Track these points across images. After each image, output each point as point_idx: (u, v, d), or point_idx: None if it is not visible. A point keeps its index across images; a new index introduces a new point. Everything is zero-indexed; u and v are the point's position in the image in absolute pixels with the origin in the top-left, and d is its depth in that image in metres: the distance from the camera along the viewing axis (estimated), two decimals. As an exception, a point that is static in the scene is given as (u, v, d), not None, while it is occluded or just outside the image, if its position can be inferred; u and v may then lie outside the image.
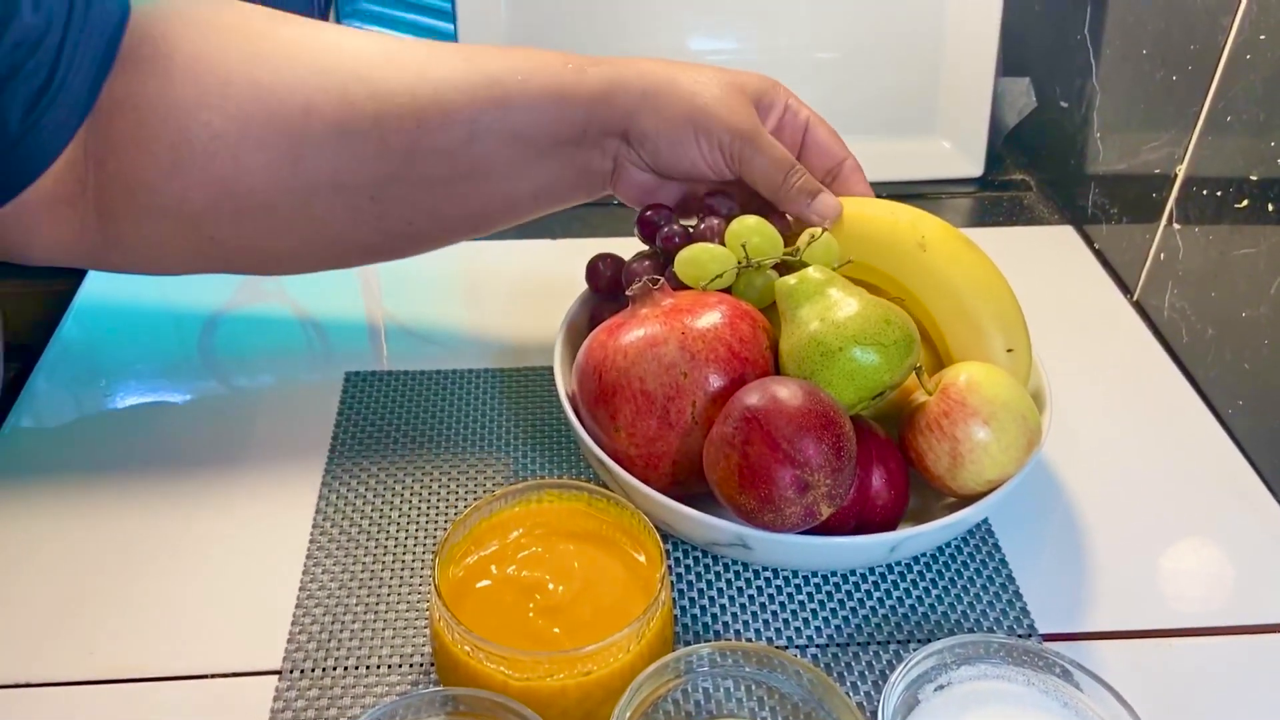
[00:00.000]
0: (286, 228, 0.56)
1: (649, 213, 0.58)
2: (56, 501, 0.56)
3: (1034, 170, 0.87)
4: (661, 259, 0.58)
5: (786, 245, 0.55)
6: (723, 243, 0.55)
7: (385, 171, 0.55)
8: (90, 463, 0.58)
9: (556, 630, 0.44)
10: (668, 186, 0.59)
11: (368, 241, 0.59)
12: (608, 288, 0.60)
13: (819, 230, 0.54)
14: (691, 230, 0.57)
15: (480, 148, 0.55)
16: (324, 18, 0.85)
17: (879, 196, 0.62)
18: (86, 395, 0.63)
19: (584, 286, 0.61)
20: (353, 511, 0.55)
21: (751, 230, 0.54)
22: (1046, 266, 0.77)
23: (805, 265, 0.53)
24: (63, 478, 0.57)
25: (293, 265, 0.61)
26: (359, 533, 0.54)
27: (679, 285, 0.55)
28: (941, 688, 0.44)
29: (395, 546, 0.54)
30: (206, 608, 0.50)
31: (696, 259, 0.54)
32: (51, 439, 0.60)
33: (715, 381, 0.49)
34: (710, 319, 0.51)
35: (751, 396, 0.47)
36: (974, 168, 0.86)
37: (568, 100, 0.55)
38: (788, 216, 0.58)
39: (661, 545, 0.46)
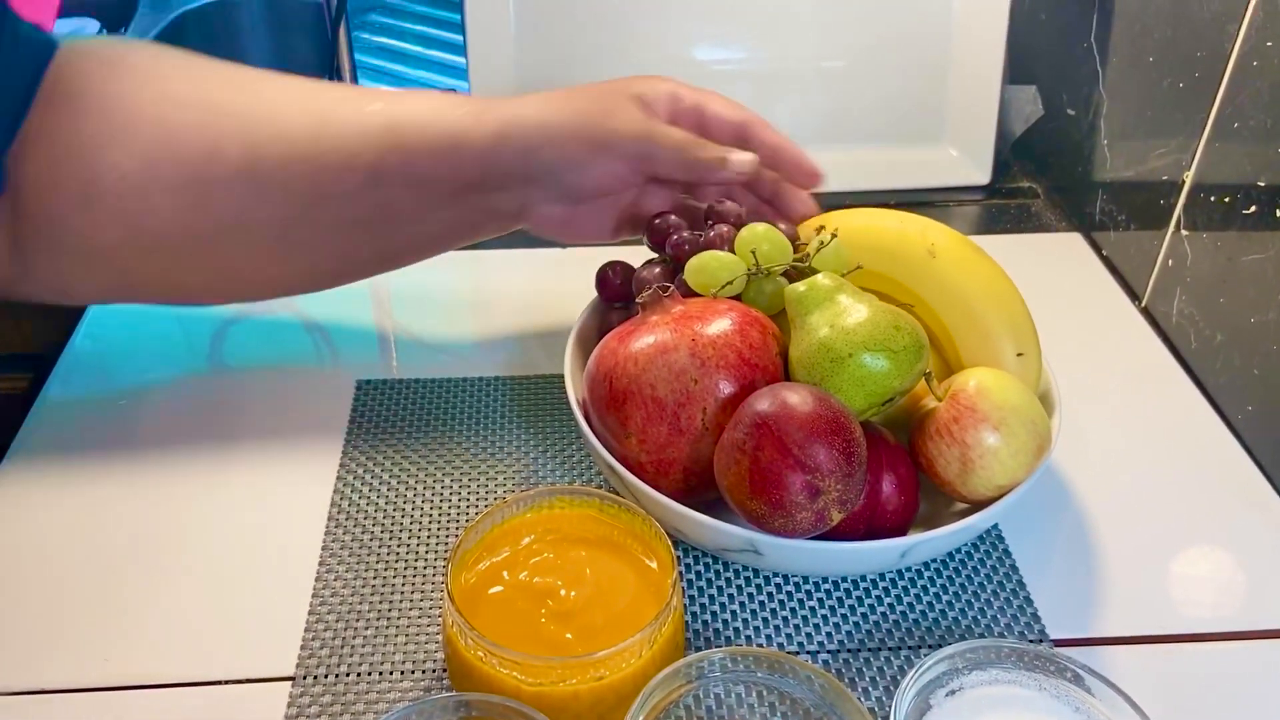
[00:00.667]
0: (195, 265, 0.57)
1: (658, 220, 0.58)
2: (71, 509, 0.56)
3: (1041, 178, 0.88)
4: (671, 266, 0.58)
5: (795, 252, 0.55)
6: (732, 250, 0.56)
7: (290, 214, 0.56)
8: (104, 470, 0.58)
9: (569, 636, 0.44)
10: (583, 212, 0.60)
11: (276, 278, 0.60)
12: (618, 295, 0.60)
13: (828, 236, 0.55)
14: (701, 238, 0.57)
15: (382, 194, 0.56)
16: (334, 31, 0.85)
17: (886, 205, 0.62)
18: (100, 403, 0.63)
19: (593, 294, 0.61)
20: (365, 519, 0.56)
21: (761, 237, 0.54)
22: (1055, 274, 0.77)
23: (815, 271, 0.53)
24: (77, 485, 0.57)
25: (204, 298, 0.62)
26: (371, 539, 0.54)
27: (689, 292, 0.55)
28: (953, 693, 0.44)
29: (407, 553, 0.54)
30: (220, 614, 0.51)
31: (706, 266, 0.54)
32: (65, 447, 0.60)
33: (725, 388, 0.50)
34: (720, 326, 0.51)
35: (762, 402, 0.47)
36: (981, 176, 0.86)
37: (465, 147, 0.56)
38: (787, 224, 0.58)
39: (673, 551, 0.46)
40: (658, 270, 0.58)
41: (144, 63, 0.55)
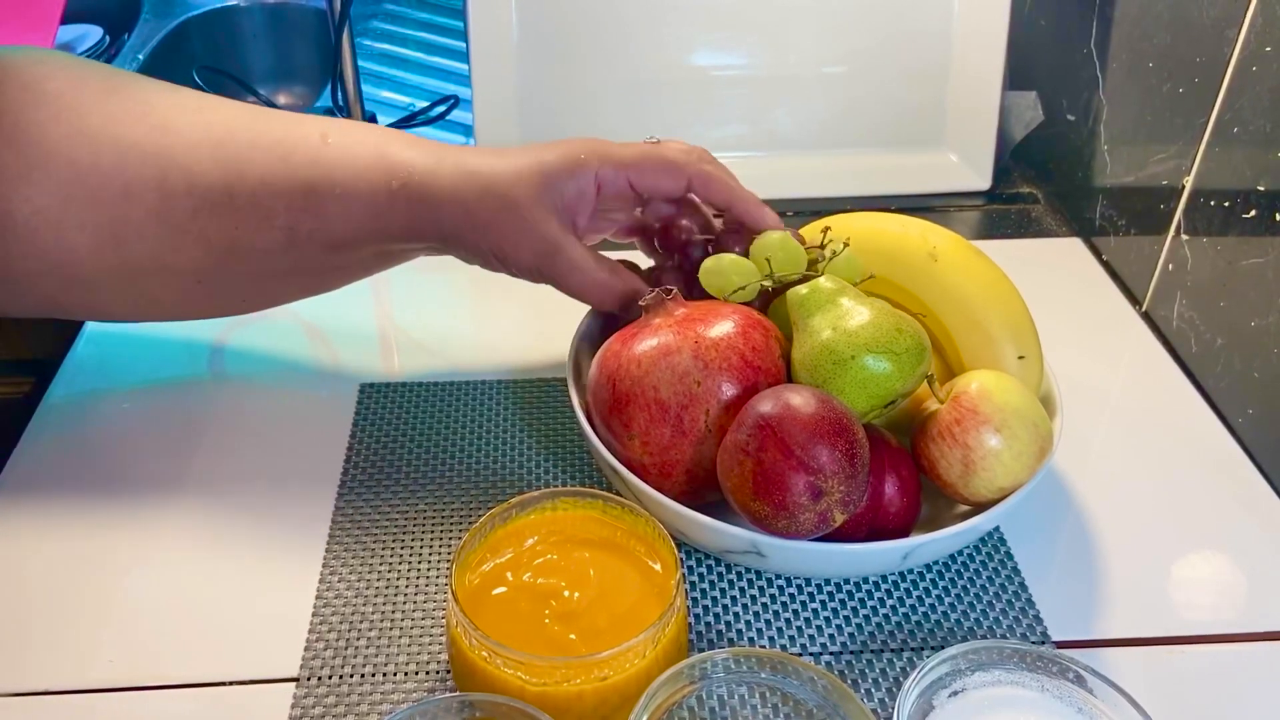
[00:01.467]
0: (117, 300, 0.57)
1: (671, 227, 0.58)
2: (75, 511, 0.56)
3: (1042, 183, 0.88)
4: (679, 271, 0.58)
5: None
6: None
7: (209, 262, 0.55)
8: (108, 473, 0.59)
9: (572, 636, 0.44)
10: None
11: (204, 311, 0.60)
12: None
13: (840, 246, 0.55)
14: (712, 245, 0.57)
15: (299, 253, 0.55)
16: (338, 37, 0.86)
17: (887, 210, 0.62)
18: (104, 407, 0.64)
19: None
20: (368, 521, 0.56)
21: (776, 246, 0.55)
22: (1055, 278, 0.77)
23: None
24: (81, 488, 0.57)
25: (132, 320, 0.62)
26: (374, 541, 0.55)
27: (700, 295, 0.56)
28: (956, 694, 0.45)
29: (411, 555, 0.54)
30: (224, 616, 0.51)
31: (721, 269, 0.54)
32: (70, 450, 0.60)
33: (728, 390, 0.50)
34: (723, 328, 0.51)
35: (765, 404, 0.47)
36: (982, 181, 0.86)
37: (384, 217, 0.54)
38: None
39: (676, 552, 0.46)
40: (668, 273, 0.58)
41: (63, 91, 0.53)
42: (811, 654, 0.50)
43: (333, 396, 0.64)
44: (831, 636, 0.51)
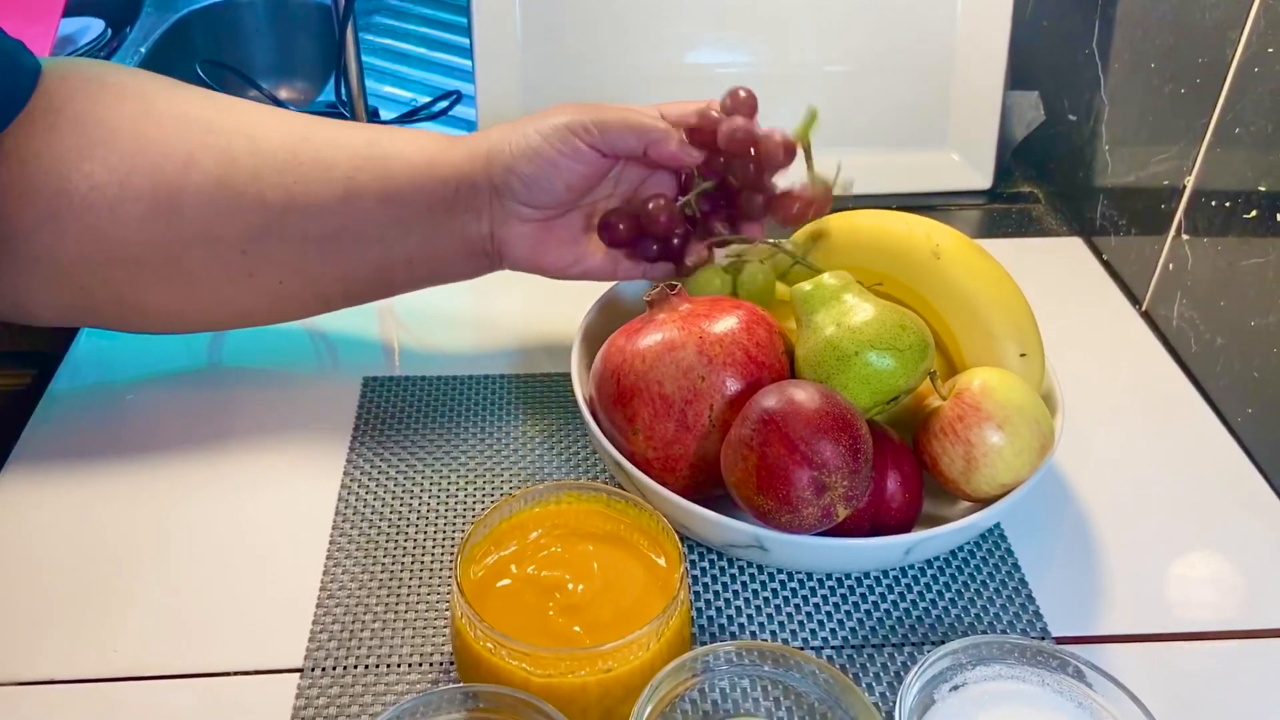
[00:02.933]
0: (157, 280, 0.57)
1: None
2: (79, 503, 0.56)
3: (1043, 183, 0.88)
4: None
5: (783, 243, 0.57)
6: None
7: (259, 224, 0.56)
8: (112, 464, 0.59)
9: (577, 629, 0.45)
10: (554, 229, 0.59)
11: (239, 298, 0.59)
12: (627, 238, 0.59)
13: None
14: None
15: (354, 207, 0.56)
16: (342, 32, 0.86)
17: (889, 208, 0.62)
18: (107, 397, 0.64)
19: (599, 293, 0.62)
20: (372, 514, 0.56)
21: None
22: (1056, 278, 0.78)
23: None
24: (85, 480, 0.58)
25: (162, 323, 0.61)
26: (378, 534, 0.55)
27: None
28: (957, 688, 0.45)
29: (414, 548, 0.54)
30: (229, 607, 0.51)
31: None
32: (73, 441, 0.60)
33: (732, 385, 0.50)
34: (727, 324, 0.52)
35: (769, 399, 0.47)
36: (983, 180, 0.87)
37: (439, 165, 0.57)
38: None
39: (680, 545, 0.46)
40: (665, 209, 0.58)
41: (125, 81, 0.56)
42: (814, 648, 0.50)
43: (336, 389, 0.64)
44: (833, 631, 0.51)
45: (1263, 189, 0.61)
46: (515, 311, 0.72)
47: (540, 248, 0.59)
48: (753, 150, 0.57)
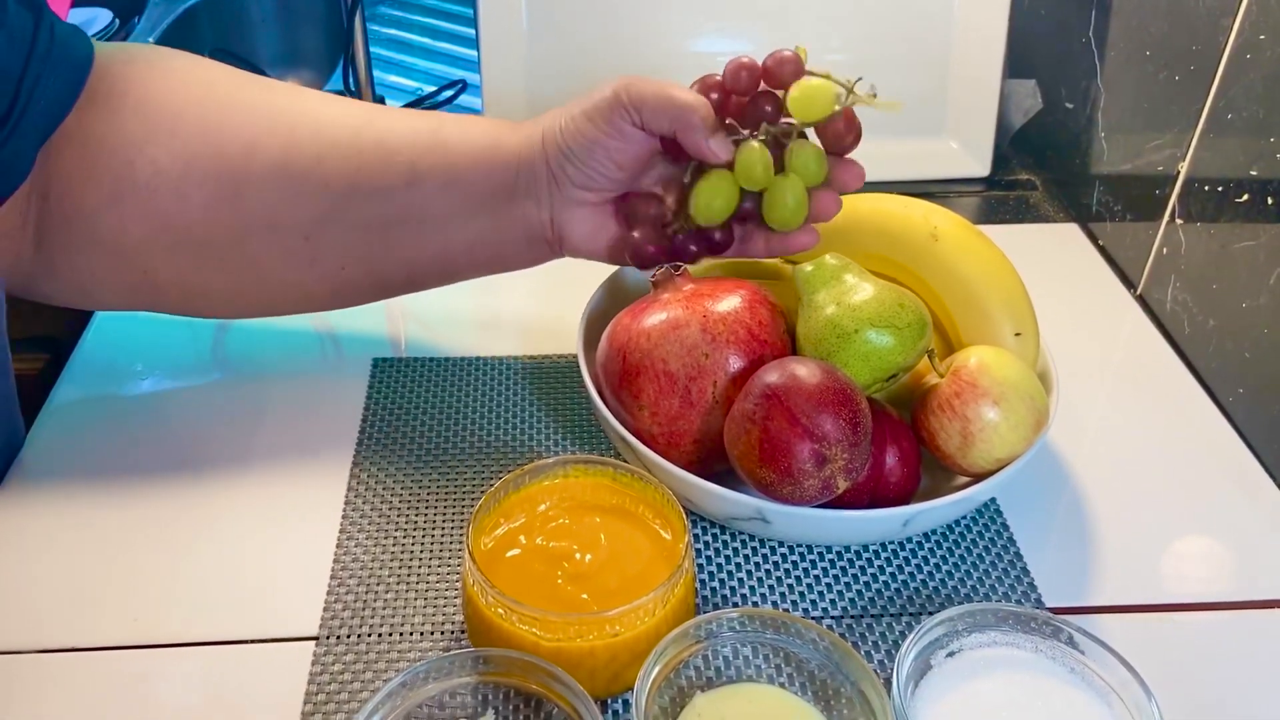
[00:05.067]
0: (220, 265, 0.57)
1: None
2: (98, 478, 0.58)
3: (1040, 170, 0.90)
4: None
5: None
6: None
7: (321, 210, 0.56)
8: (130, 441, 0.60)
9: (584, 596, 0.46)
10: (613, 214, 0.58)
11: (301, 284, 0.60)
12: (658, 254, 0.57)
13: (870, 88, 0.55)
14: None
15: (417, 193, 0.56)
16: (350, 21, 0.87)
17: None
18: (125, 378, 0.65)
19: (605, 275, 0.63)
20: (383, 489, 0.57)
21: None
22: (1052, 263, 0.79)
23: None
24: (101, 459, 0.59)
25: (224, 307, 0.62)
26: (390, 509, 0.56)
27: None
28: (953, 654, 0.46)
29: (425, 522, 0.56)
30: (246, 577, 0.53)
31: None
32: (88, 423, 0.62)
33: (735, 362, 0.52)
34: (730, 303, 0.53)
35: (771, 374, 0.49)
36: (981, 168, 0.88)
37: (501, 149, 0.57)
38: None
39: (684, 517, 0.48)
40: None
41: (187, 66, 0.57)
42: (814, 618, 0.51)
43: (347, 371, 0.66)
44: (833, 601, 0.52)
45: (1254, 173, 0.62)
46: (522, 293, 0.74)
47: (600, 232, 0.58)
48: (762, 82, 0.54)
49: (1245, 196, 0.63)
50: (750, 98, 0.54)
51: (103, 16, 1.10)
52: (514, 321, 0.71)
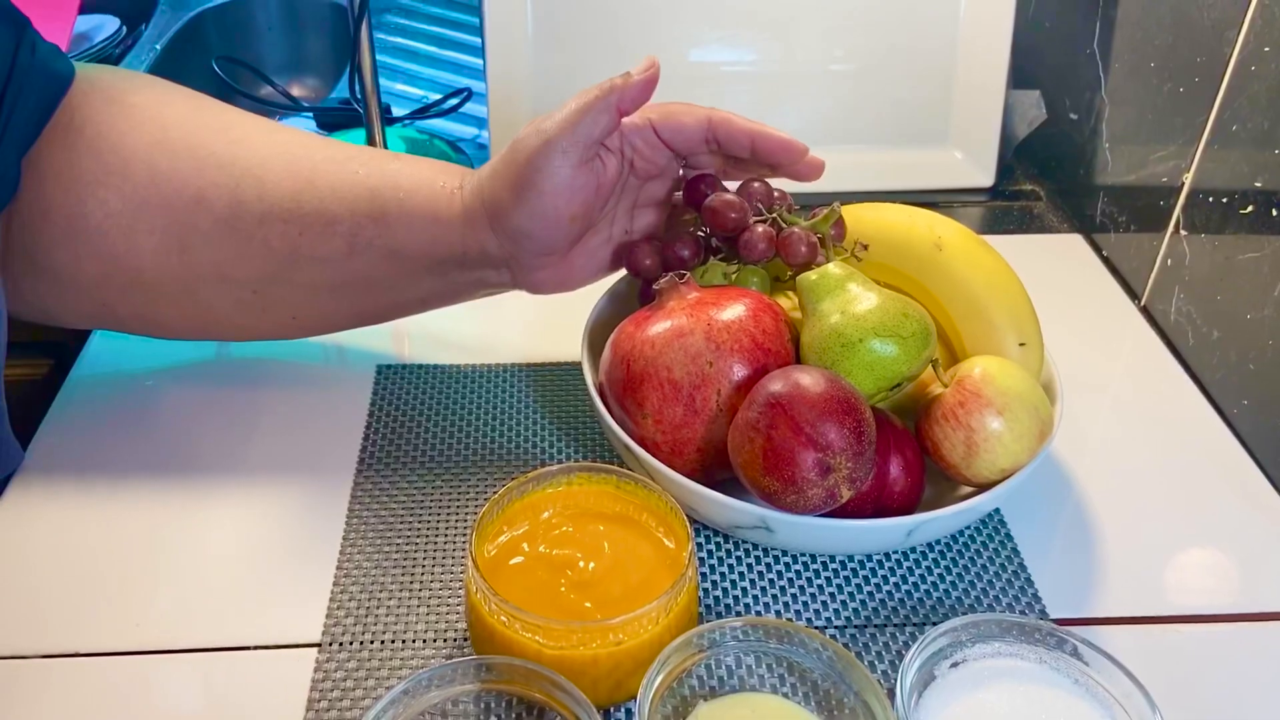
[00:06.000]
0: (174, 306, 0.58)
1: (696, 181, 0.58)
2: (101, 484, 0.58)
3: (1044, 181, 0.90)
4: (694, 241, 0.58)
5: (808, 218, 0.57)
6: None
7: (268, 271, 0.56)
8: (133, 447, 0.60)
9: (588, 604, 0.46)
10: (575, 260, 0.57)
11: (256, 329, 0.61)
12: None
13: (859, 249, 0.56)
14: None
15: (360, 262, 0.56)
16: (358, 26, 0.87)
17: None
18: (127, 383, 0.65)
19: (608, 283, 0.63)
20: (386, 497, 0.57)
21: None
22: (1056, 274, 0.79)
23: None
24: (105, 464, 0.59)
25: (185, 335, 0.62)
26: (393, 516, 0.56)
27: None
28: (957, 664, 0.46)
29: (428, 530, 0.56)
30: (249, 584, 0.52)
31: None
32: (92, 427, 0.62)
33: (739, 371, 0.52)
34: (735, 311, 0.53)
35: (776, 383, 0.49)
36: (985, 178, 0.88)
37: (442, 223, 0.55)
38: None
39: (688, 525, 0.48)
40: (686, 252, 0.58)
41: (147, 105, 0.56)
42: (818, 627, 0.51)
43: (350, 378, 0.66)
44: (836, 611, 0.52)
45: (1259, 185, 0.62)
46: (525, 301, 0.73)
47: (566, 276, 0.58)
48: (776, 250, 0.57)
49: (1250, 208, 0.63)
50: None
51: (110, 24, 1.10)
52: (518, 329, 0.71)
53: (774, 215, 0.57)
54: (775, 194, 0.58)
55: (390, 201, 0.55)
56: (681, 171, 0.59)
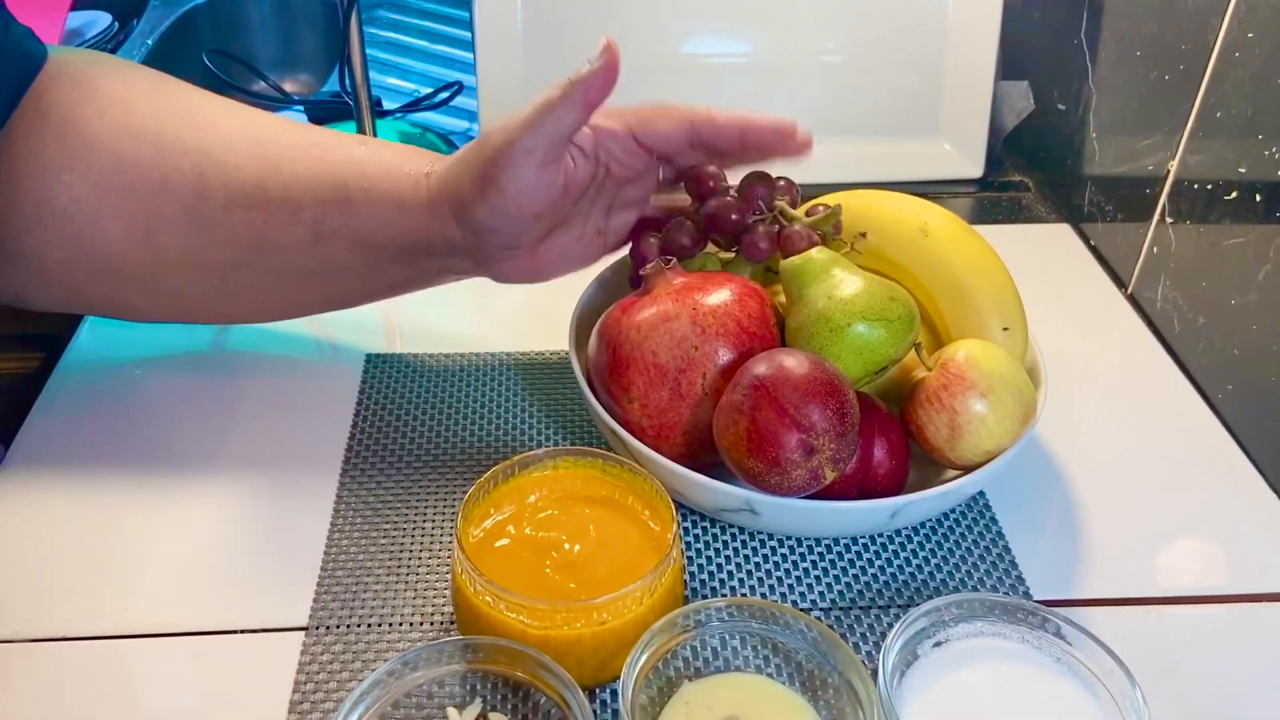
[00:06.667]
0: (142, 292, 0.58)
1: (698, 176, 0.58)
2: (91, 473, 0.58)
3: (1032, 171, 0.90)
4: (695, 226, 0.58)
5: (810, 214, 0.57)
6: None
7: (234, 257, 0.56)
8: (125, 436, 0.60)
9: (572, 585, 0.46)
10: (545, 252, 0.56)
11: (225, 314, 0.61)
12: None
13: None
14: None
15: (325, 249, 0.56)
16: (346, 24, 0.87)
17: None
18: (117, 371, 0.65)
19: (596, 272, 0.63)
20: (374, 483, 0.58)
21: None
22: (1044, 263, 0.79)
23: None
24: (98, 450, 0.59)
25: (155, 319, 0.62)
26: (380, 502, 0.56)
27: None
28: (940, 644, 0.46)
29: (415, 515, 0.56)
30: (237, 568, 0.53)
31: None
32: (83, 415, 0.62)
33: (725, 355, 0.52)
34: (720, 296, 0.53)
35: (760, 366, 0.49)
36: (974, 169, 0.88)
37: (407, 211, 0.54)
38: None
39: (673, 508, 0.48)
40: (686, 238, 0.58)
41: (113, 89, 0.56)
42: (803, 609, 0.52)
43: (339, 366, 0.66)
44: (822, 594, 0.52)
45: (1242, 171, 0.62)
46: (514, 289, 0.74)
47: (533, 269, 0.57)
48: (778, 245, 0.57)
49: (1233, 194, 0.63)
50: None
51: (102, 19, 1.11)
52: (507, 317, 0.71)
53: (774, 214, 0.57)
54: (780, 183, 0.58)
55: (356, 189, 0.55)
56: (662, 175, 0.59)
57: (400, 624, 0.50)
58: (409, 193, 0.55)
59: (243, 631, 0.50)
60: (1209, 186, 0.66)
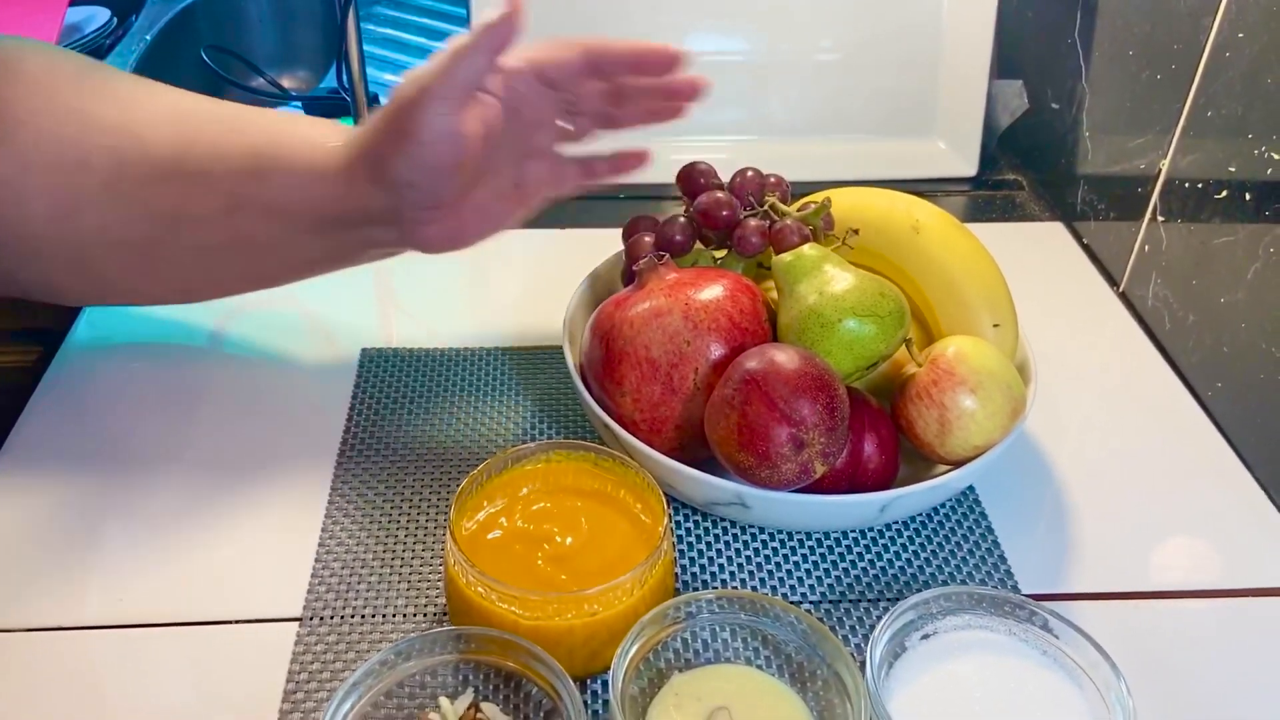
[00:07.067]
0: (68, 272, 0.58)
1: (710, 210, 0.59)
2: (89, 461, 0.58)
3: (1026, 169, 0.90)
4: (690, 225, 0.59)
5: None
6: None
7: (152, 233, 0.56)
8: (121, 429, 0.61)
9: (564, 577, 0.47)
10: (467, 214, 0.55)
11: (150, 293, 0.61)
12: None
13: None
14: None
15: (241, 220, 0.55)
16: (344, 20, 0.88)
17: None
18: (114, 365, 0.66)
19: (590, 268, 0.64)
20: (369, 475, 0.58)
21: None
22: (1037, 261, 0.80)
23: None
24: (94, 443, 0.60)
25: (83, 301, 0.63)
26: (375, 494, 0.57)
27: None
28: (927, 636, 0.47)
29: (409, 508, 0.56)
30: (231, 560, 0.53)
31: None
32: (79, 409, 0.62)
33: (717, 350, 0.52)
34: (713, 292, 0.54)
35: (751, 361, 0.49)
36: (969, 167, 0.89)
37: (323, 179, 0.54)
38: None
39: (664, 501, 0.48)
40: (679, 232, 0.59)
41: (38, 72, 0.56)
42: (793, 603, 0.52)
43: (334, 361, 0.66)
44: (811, 587, 0.53)
45: (1232, 170, 0.63)
46: (509, 285, 0.74)
47: (456, 233, 0.56)
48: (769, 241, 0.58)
49: (1224, 193, 0.64)
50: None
51: (100, 15, 1.11)
52: (501, 313, 0.71)
53: (764, 209, 0.57)
54: (771, 179, 0.59)
55: (270, 158, 0.55)
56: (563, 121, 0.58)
57: (394, 614, 0.50)
58: (323, 160, 0.54)
59: (238, 622, 0.50)
60: (1200, 185, 0.66)
